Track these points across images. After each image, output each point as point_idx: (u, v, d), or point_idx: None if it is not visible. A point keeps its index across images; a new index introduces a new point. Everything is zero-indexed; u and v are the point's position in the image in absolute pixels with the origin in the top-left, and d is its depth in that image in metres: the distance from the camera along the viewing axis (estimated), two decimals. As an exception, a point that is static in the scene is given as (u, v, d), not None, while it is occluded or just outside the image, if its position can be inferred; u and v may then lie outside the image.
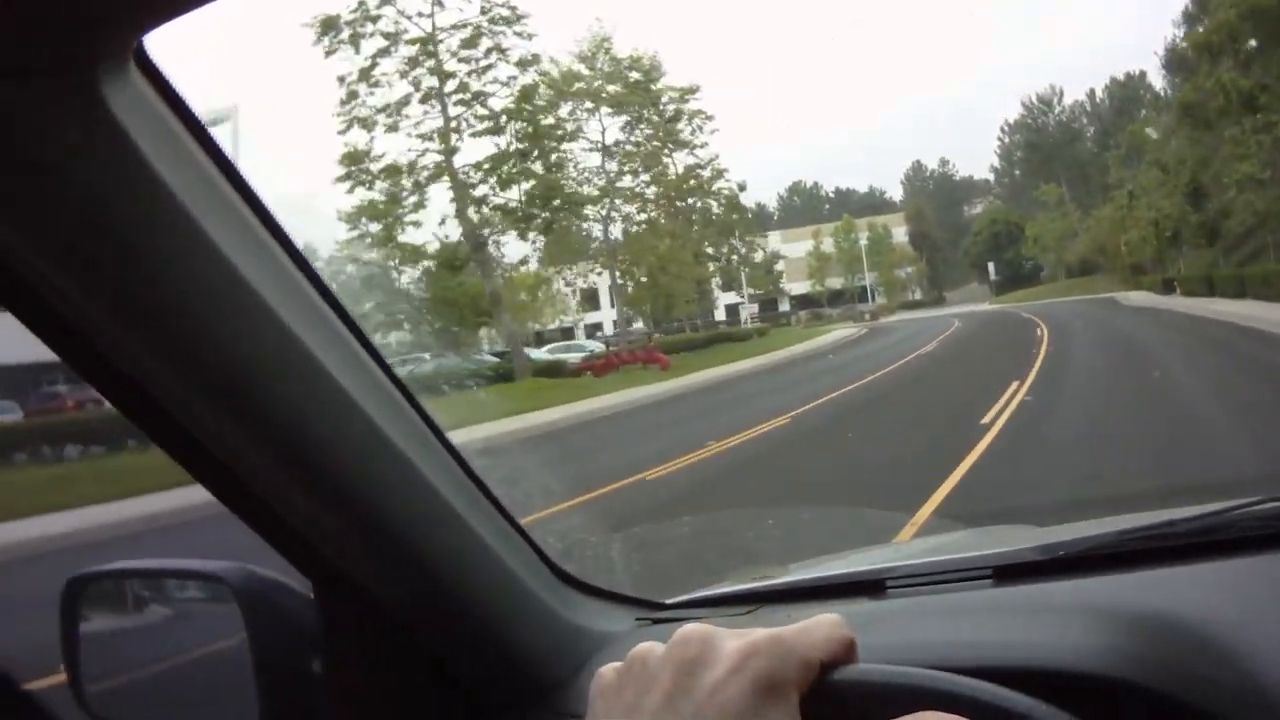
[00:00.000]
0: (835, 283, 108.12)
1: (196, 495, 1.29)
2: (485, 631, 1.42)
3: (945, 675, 0.84)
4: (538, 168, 43.31)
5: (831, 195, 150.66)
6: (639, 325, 62.21)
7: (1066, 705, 0.83)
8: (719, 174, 59.01)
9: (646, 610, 1.69)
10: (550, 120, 46.54)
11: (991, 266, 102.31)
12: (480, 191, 41.06)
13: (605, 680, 0.85)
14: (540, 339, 58.93)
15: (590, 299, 74.75)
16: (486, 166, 41.74)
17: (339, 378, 1.13)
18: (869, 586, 1.59)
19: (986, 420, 14.25)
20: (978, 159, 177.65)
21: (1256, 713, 0.99)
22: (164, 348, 1.03)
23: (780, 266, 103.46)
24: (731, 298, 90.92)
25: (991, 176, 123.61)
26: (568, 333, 68.95)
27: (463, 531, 1.35)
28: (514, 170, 42.00)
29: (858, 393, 21.40)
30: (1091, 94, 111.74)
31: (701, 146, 57.98)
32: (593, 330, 71.74)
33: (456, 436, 1.37)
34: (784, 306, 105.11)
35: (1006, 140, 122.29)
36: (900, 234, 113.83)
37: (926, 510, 9.02)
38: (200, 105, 0.99)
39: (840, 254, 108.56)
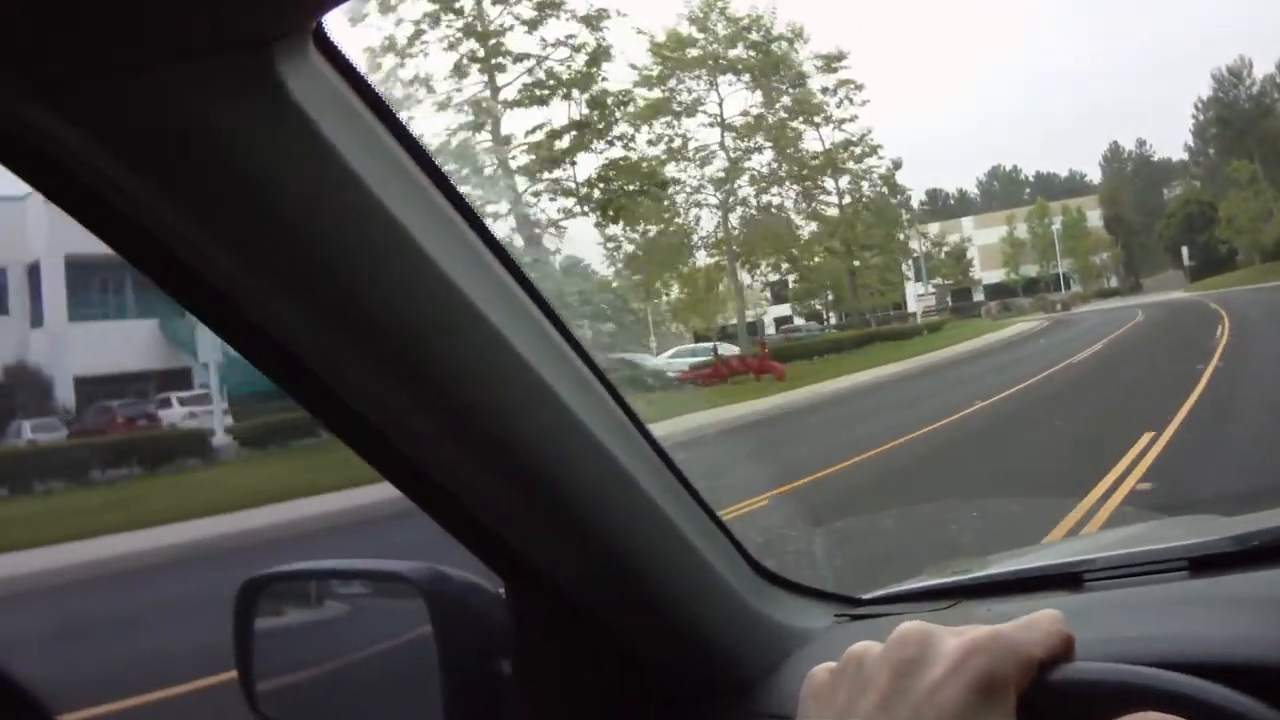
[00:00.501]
0: (1030, 270, 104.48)
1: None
2: (681, 628, 1.41)
3: (1169, 674, 0.84)
4: (615, 146, 38.36)
5: (1031, 180, 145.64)
6: (802, 321, 61.49)
7: (1269, 699, 0.82)
8: (872, 150, 54.82)
9: (845, 606, 1.69)
10: (654, 92, 43.06)
11: (1185, 251, 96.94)
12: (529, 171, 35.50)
13: (818, 680, 0.84)
14: (722, 334, 55.05)
15: (778, 293, 70.91)
16: (534, 140, 36.56)
17: (537, 368, 1.12)
18: (1066, 580, 1.59)
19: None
20: (1175, 140, 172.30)
21: None
22: (351, 340, 1.02)
23: (973, 254, 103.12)
24: (920, 288, 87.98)
25: (1187, 155, 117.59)
26: (751, 329, 63.07)
27: (662, 525, 1.33)
28: (572, 145, 36.99)
29: (973, 420, 18.75)
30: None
31: (851, 120, 53.60)
32: (752, 329, 65.11)
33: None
34: (978, 296, 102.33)
35: (1200, 118, 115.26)
36: (1095, 218, 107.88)
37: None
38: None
39: (1034, 240, 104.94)
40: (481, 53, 35.88)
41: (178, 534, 14.60)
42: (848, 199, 54.99)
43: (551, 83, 36.37)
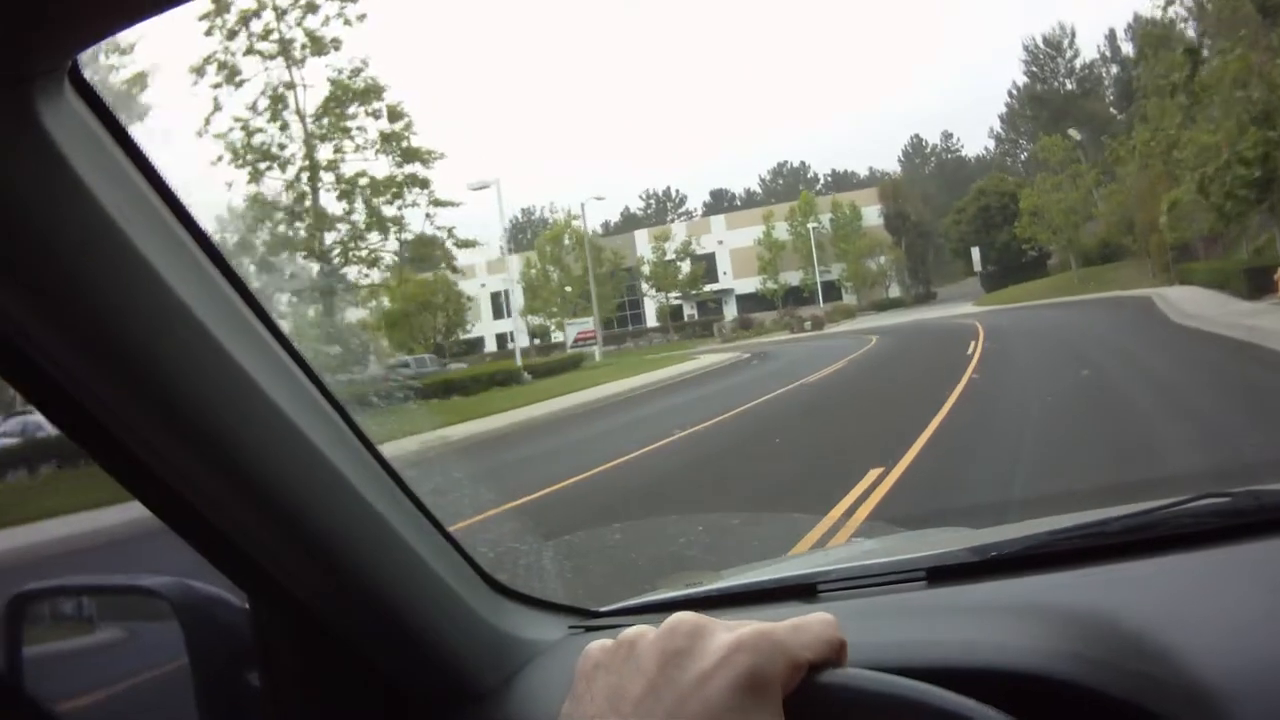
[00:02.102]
0: (792, 277, 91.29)
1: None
2: (417, 640, 1.46)
3: (935, 690, 0.84)
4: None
5: (828, 178, 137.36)
6: (414, 357, 51.96)
7: (1003, 704, 0.84)
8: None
9: (579, 618, 1.76)
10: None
11: (976, 254, 78.95)
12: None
13: (592, 658, 0.87)
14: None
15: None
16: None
17: (270, 390, 1.19)
18: (801, 590, 1.65)
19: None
20: (988, 140, 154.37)
21: (1192, 708, 1.05)
22: (98, 363, 1.07)
23: (724, 259, 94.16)
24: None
25: (993, 144, 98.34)
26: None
27: (394, 541, 1.39)
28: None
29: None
30: (1111, 36, 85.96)
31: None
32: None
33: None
34: (729, 308, 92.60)
35: (1016, 106, 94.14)
36: (874, 215, 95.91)
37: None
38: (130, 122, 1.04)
39: (797, 241, 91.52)
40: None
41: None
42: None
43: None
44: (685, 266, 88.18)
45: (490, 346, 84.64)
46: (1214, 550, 1.41)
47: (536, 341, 77.78)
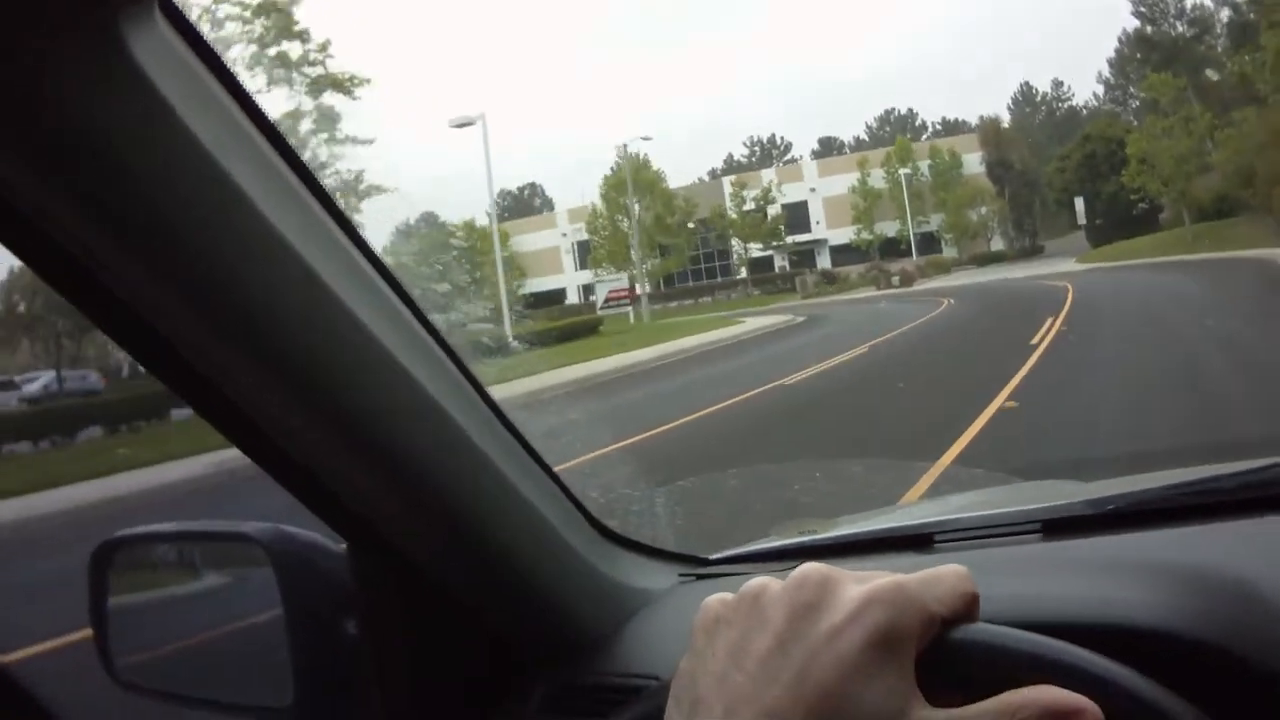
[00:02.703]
0: (888, 228, 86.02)
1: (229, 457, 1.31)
2: (524, 588, 1.48)
3: (1077, 650, 0.82)
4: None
5: (937, 125, 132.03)
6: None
7: (1123, 660, 0.85)
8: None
9: (690, 566, 1.77)
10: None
11: (1080, 204, 72.81)
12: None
13: (711, 612, 0.84)
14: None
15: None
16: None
17: (375, 329, 1.18)
18: (916, 541, 1.64)
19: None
20: (1095, 82, 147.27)
21: None
22: (193, 302, 1.06)
23: (816, 207, 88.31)
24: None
25: (1102, 90, 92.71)
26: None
27: (501, 486, 1.40)
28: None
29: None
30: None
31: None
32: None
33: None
34: (822, 259, 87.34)
35: (1125, 50, 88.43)
36: (975, 163, 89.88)
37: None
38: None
39: (893, 189, 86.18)
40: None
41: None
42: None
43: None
44: (776, 212, 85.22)
45: (573, 298, 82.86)
46: None
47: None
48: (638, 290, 67.19)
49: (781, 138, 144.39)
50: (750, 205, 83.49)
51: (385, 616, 1.49)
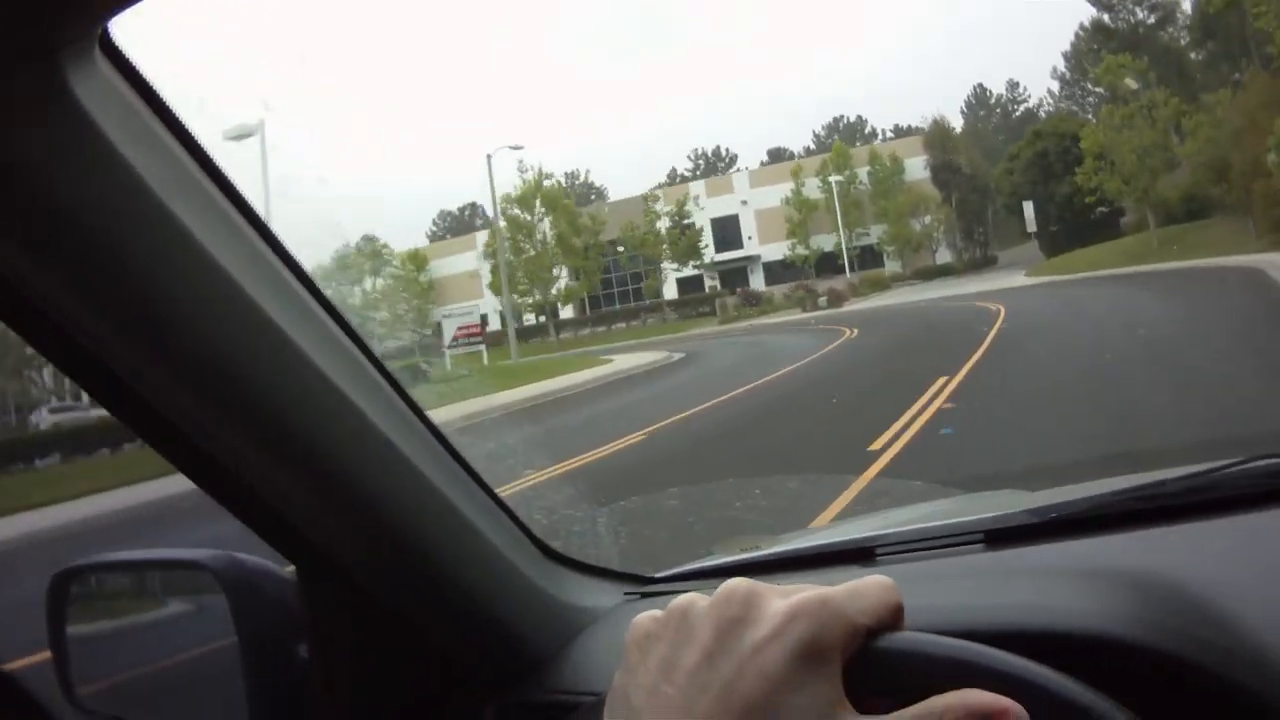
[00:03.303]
0: (825, 242, 79.62)
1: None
2: (471, 609, 1.53)
3: (999, 654, 0.85)
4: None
5: (888, 133, 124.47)
6: None
7: (1063, 667, 0.87)
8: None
9: (634, 585, 1.81)
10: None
11: (1029, 209, 65.41)
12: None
13: (641, 629, 0.88)
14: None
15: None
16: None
17: (317, 359, 1.23)
18: (859, 554, 1.68)
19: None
20: (1050, 77, 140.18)
21: (1256, 671, 1.06)
22: (139, 336, 1.10)
23: (748, 221, 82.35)
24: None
25: (1057, 86, 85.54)
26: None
27: (445, 509, 1.44)
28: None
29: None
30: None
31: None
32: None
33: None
34: (755, 277, 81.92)
35: (1082, 44, 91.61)
36: (920, 168, 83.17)
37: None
38: (175, 97, 1.10)
39: (830, 200, 79.33)
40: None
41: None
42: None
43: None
44: (695, 227, 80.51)
45: (495, 324, 77.03)
46: (1275, 512, 1.40)
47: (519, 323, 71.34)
48: (527, 320, 60.92)
49: (727, 150, 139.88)
50: (666, 221, 76.51)
51: (334, 639, 1.52)
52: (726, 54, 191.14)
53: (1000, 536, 1.56)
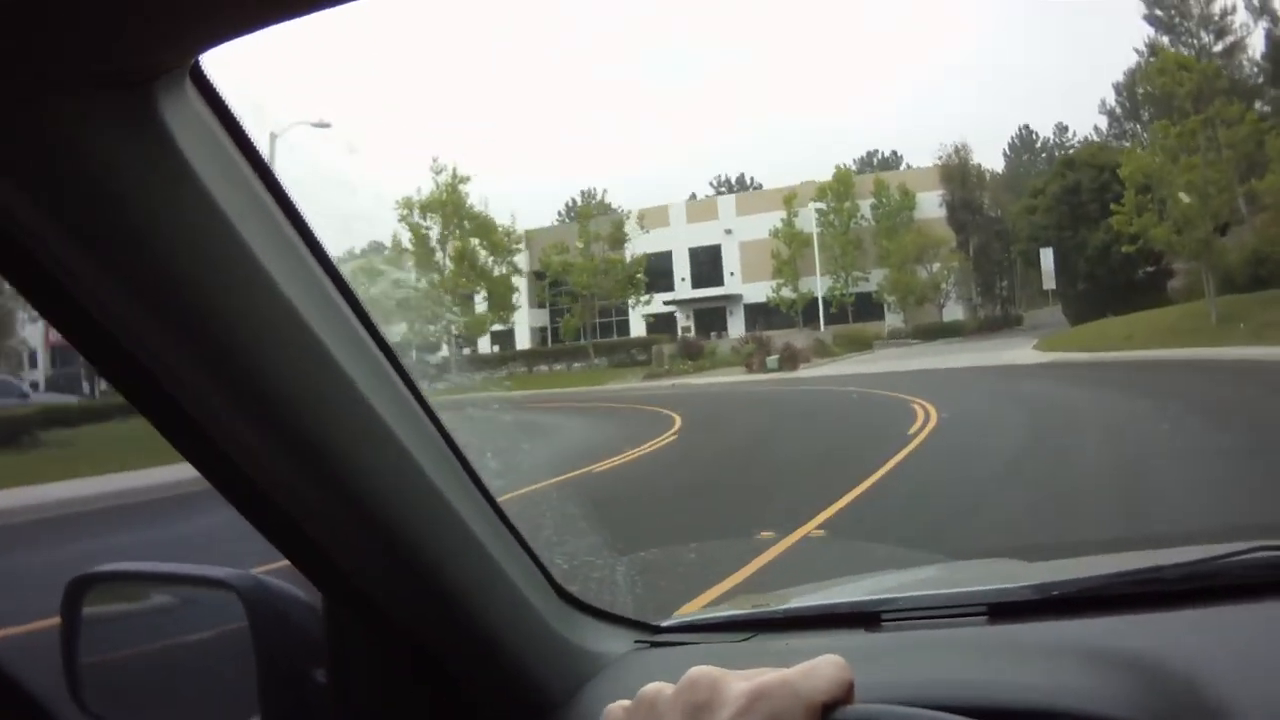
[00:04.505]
0: (817, 285, 67.17)
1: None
2: (489, 647, 1.57)
3: (943, 716, 0.92)
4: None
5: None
6: None
7: None
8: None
9: (645, 633, 1.85)
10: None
11: (1048, 259, 49.67)
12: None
13: (613, 718, 0.96)
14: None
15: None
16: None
17: (369, 394, 1.31)
18: (864, 618, 1.72)
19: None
20: (1098, 112, 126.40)
21: None
22: (199, 358, 1.16)
23: (730, 257, 69.95)
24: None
25: (1104, 122, 73.60)
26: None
27: (476, 549, 1.51)
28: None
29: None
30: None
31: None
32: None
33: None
34: (735, 320, 68.77)
35: (1135, 73, 67.91)
36: (934, 204, 68.97)
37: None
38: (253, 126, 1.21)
39: (828, 235, 66.65)
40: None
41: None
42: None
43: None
44: (631, 257, 69.94)
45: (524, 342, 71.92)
46: (1272, 603, 1.49)
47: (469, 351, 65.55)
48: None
49: (751, 178, 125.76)
50: (603, 247, 64.83)
51: (353, 666, 1.58)
52: (757, 81, 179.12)
53: (1003, 610, 1.62)
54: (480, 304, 63.55)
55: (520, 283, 66.41)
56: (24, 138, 0.95)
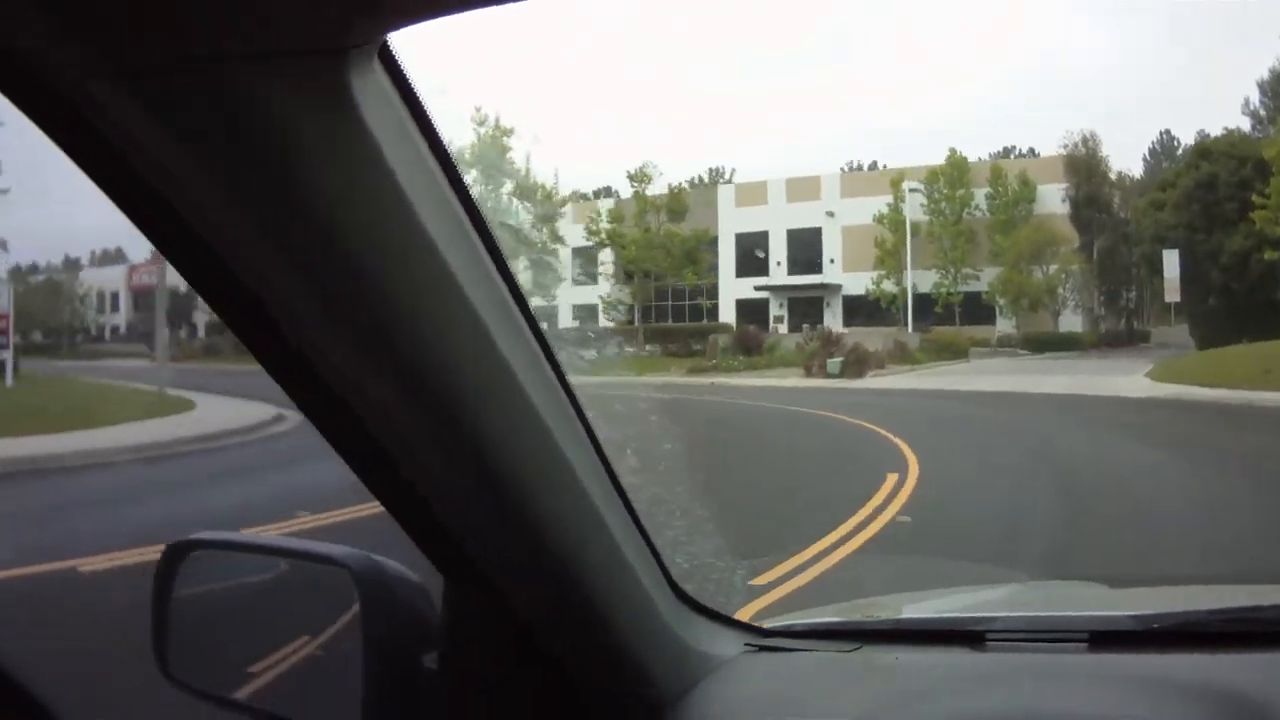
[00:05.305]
0: (923, 280, 59.73)
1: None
2: (607, 642, 1.58)
3: None
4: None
5: None
6: None
7: None
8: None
9: (754, 636, 1.83)
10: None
11: (1172, 263, 39.39)
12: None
13: None
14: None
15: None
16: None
17: (526, 382, 1.33)
18: (969, 636, 1.70)
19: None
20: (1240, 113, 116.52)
21: None
22: (356, 324, 1.17)
23: (831, 242, 61.47)
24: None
25: (1248, 124, 63.74)
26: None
27: (606, 539, 1.52)
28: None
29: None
30: None
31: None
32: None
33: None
34: (831, 311, 60.35)
35: None
36: (1056, 198, 60.84)
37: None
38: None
39: (936, 224, 59.43)
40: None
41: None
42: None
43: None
44: (689, 232, 64.48)
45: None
46: None
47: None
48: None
49: (885, 166, 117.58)
50: (662, 217, 57.64)
51: (470, 658, 1.59)
52: (896, 65, 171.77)
53: (1103, 639, 1.64)
54: (522, 272, 60.21)
55: (565, 254, 62.25)
56: (212, 104, 0.97)
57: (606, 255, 64.90)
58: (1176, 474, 15.68)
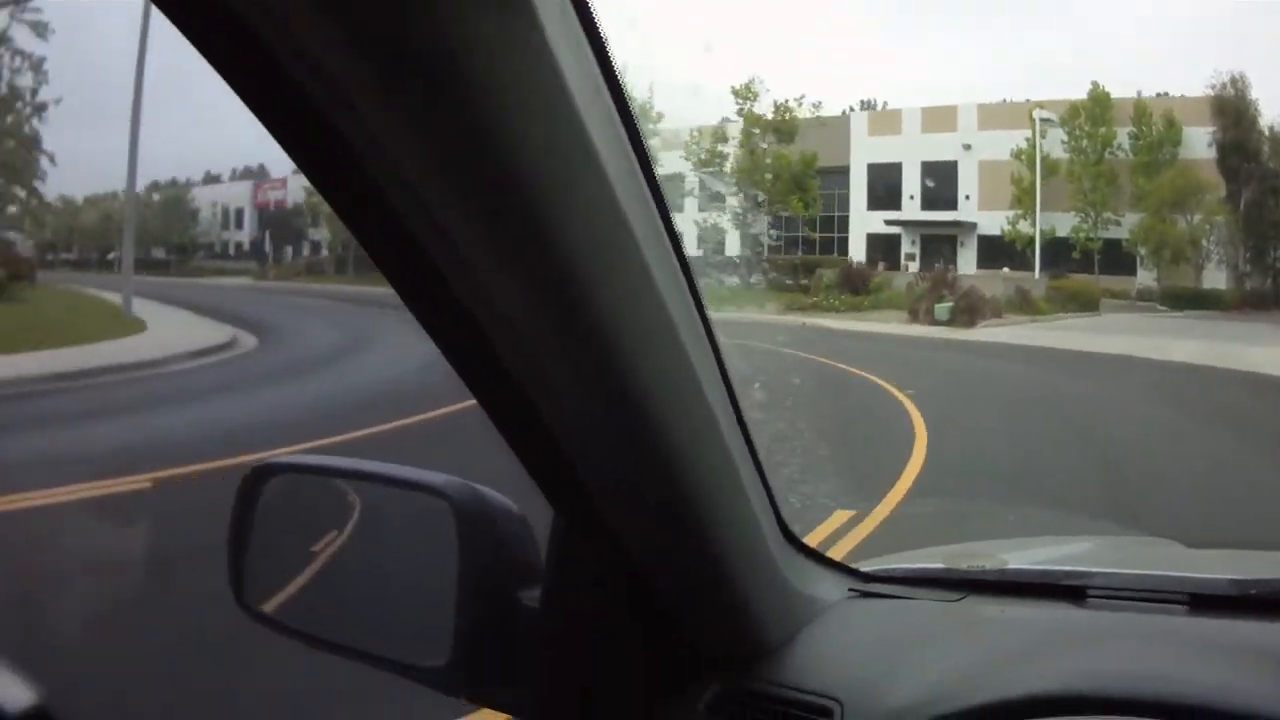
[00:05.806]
0: (1061, 223, 53.54)
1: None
2: (718, 582, 1.54)
3: None
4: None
5: None
6: None
7: None
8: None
9: (857, 580, 1.82)
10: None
11: None
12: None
13: None
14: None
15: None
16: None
17: (671, 309, 1.27)
18: (1071, 591, 1.70)
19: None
20: None
21: None
22: (507, 243, 1.10)
23: (968, 177, 55.70)
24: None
25: None
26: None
27: (731, 481, 1.48)
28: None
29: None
30: None
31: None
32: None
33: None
34: (966, 251, 55.13)
35: None
36: (1202, 142, 53.69)
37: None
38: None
39: (1076, 162, 53.29)
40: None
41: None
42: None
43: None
44: (799, 154, 56.82)
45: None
46: None
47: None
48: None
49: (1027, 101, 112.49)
50: (771, 139, 56.85)
51: (576, 596, 1.57)
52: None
53: (1203, 603, 1.64)
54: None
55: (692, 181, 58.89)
56: (390, 12, 0.89)
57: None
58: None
